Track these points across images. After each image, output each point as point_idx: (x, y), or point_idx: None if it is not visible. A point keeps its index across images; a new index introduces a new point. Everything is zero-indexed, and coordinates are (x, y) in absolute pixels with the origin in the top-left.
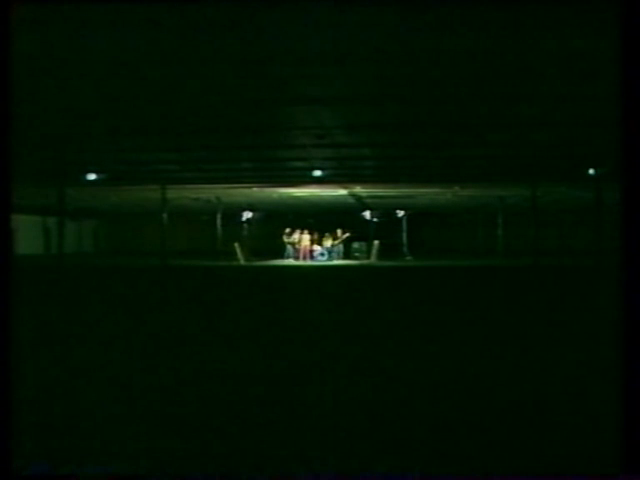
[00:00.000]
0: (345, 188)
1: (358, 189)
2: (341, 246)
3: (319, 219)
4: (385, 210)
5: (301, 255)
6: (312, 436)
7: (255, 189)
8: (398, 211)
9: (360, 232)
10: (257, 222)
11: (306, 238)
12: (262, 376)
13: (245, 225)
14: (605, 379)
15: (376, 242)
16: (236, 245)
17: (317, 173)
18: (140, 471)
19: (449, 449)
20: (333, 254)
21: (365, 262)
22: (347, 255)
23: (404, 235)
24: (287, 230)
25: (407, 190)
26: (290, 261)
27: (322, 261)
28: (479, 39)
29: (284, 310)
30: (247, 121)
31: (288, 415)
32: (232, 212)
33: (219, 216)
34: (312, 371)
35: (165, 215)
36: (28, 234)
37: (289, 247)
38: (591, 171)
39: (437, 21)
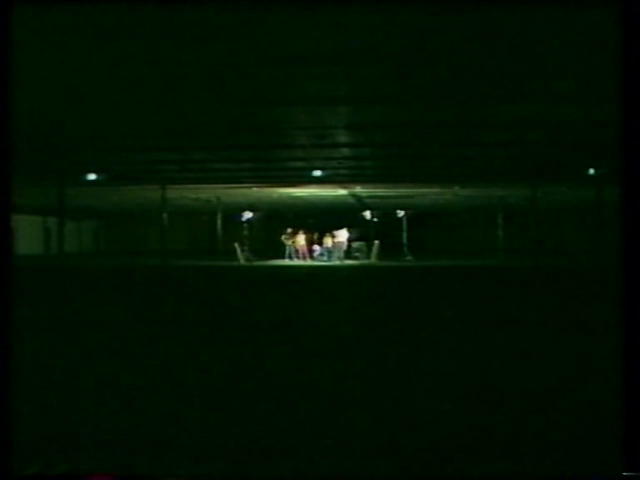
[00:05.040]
0: (345, 188)
1: (358, 189)
2: (341, 246)
3: (319, 219)
4: (385, 210)
5: (301, 255)
6: (313, 437)
7: (255, 189)
8: (398, 211)
9: (360, 232)
10: (257, 222)
11: (308, 238)
12: (262, 376)
13: (245, 225)
14: (606, 379)
15: (376, 242)
16: (236, 245)
17: (317, 173)
18: (140, 471)
19: (450, 450)
20: (333, 254)
21: (365, 262)
22: (347, 255)
23: (404, 235)
24: (288, 230)
25: (407, 190)
26: (290, 261)
27: (322, 261)
28: (479, 39)
29: (284, 311)
30: (247, 121)
31: (289, 415)
32: (232, 212)
33: (219, 216)
34: (312, 372)
35: (165, 215)
36: (28, 234)
37: (289, 247)
38: (591, 171)
39: (437, 21)
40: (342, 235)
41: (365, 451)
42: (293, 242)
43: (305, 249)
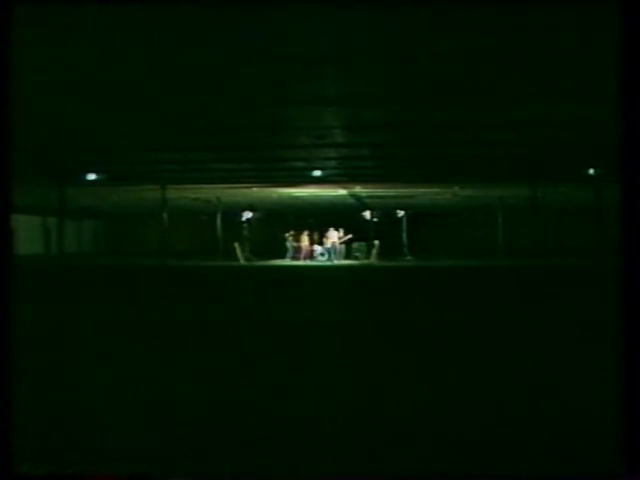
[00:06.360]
0: (345, 188)
1: (358, 189)
2: (342, 246)
3: (319, 219)
4: (385, 210)
5: (302, 255)
6: (314, 437)
7: (255, 189)
8: (398, 211)
9: (360, 232)
10: (257, 222)
11: (306, 238)
12: (262, 376)
13: (245, 225)
14: (606, 379)
15: (376, 242)
16: (236, 245)
17: (317, 173)
18: (140, 471)
19: (451, 449)
20: (333, 254)
21: (365, 262)
22: (347, 255)
23: (404, 235)
24: (291, 232)
25: (407, 190)
26: (291, 261)
27: (322, 261)
28: (479, 39)
29: (286, 311)
30: (247, 121)
31: (290, 415)
32: (232, 212)
33: (219, 216)
34: (313, 373)
35: (165, 215)
36: (28, 234)
37: (290, 247)
38: (591, 171)
39: (437, 21)
40: (333, 235)
41: (365, 450)
42: (296, 242)
43: (307, 250)
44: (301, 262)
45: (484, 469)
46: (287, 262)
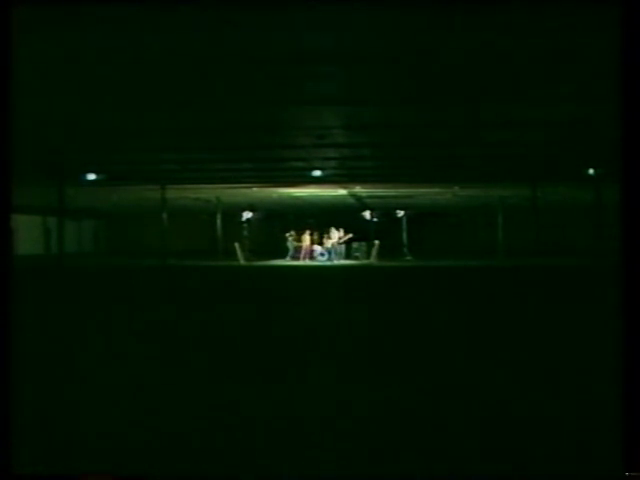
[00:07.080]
0: (345, 188)
1: (358, 189)
2: (342, 246)
3: (319, 219)
4: (385, 210)
5: (301, 255)
6: (315, 437)
7: (255, 189)
8: (398, 211)
9: (360, 232)
10: (257, 222)
11: (307, 239)
12: (261, 376)
13: (245, 225)
14: (606, 379)
15: (376, 242)
16: (236, 245)
17: (317, 173)
18: (140, 471)
19: (450, 450)
20: (333, 254)
21: (365, 262)
22: (347, 255)
23: (404, 235)
24: (291, 232)
25: (407, 190)
26: (291, 261)
27: (322, 261)
28: (479, 39)
29: (289, 310)
30: (247, 121)
31: (291, 415)
32: (232, 212)
33: (219, 216)
34: (313, 373)
35: (165, 215)
36: (28, 234)
37: (290, 247)
38: (591, 171)
39: (437, 21)
40: (333, 235)
41: (365, 451)
42: (296, 242)
43: (307, 250)
44: (301, 262)
45: (484, 469)
46: (287, 262)
